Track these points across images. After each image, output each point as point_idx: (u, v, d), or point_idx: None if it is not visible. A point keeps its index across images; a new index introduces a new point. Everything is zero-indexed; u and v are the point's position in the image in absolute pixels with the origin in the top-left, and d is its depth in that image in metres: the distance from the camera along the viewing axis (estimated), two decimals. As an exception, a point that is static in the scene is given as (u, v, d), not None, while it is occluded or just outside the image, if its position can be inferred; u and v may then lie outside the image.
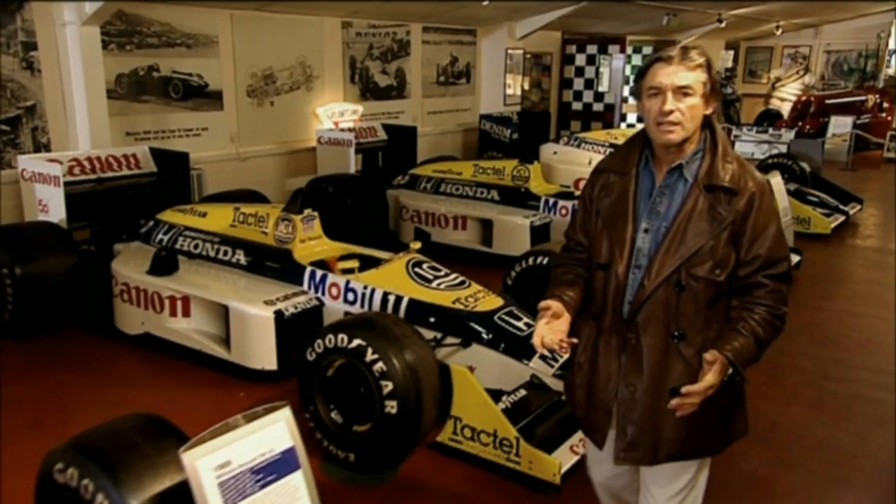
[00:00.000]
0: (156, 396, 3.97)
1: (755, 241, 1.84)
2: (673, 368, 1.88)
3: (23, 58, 5.62)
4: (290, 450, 2.14)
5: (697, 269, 1.84)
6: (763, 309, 1.84)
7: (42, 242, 4.64)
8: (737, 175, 1.86)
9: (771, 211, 1.88)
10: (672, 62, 1.81)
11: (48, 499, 2.22)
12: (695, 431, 1.90)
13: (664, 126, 1.82)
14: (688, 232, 1.84)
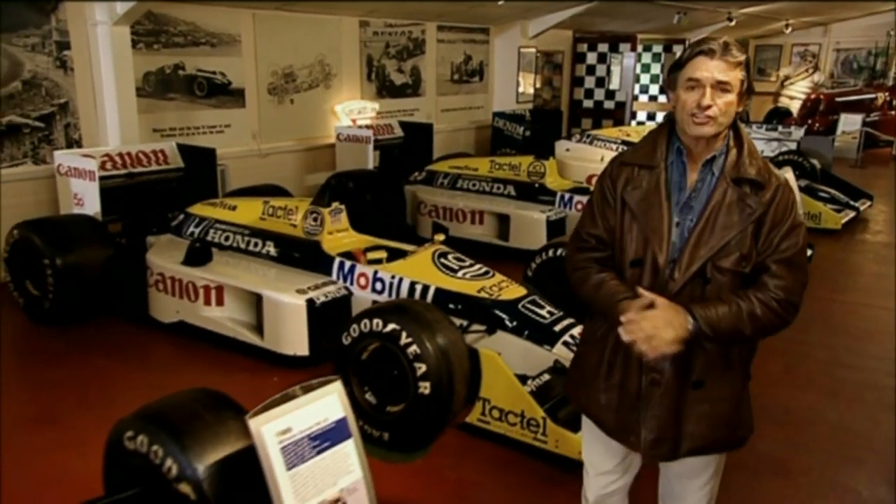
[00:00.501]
0: (193, 380, 4.07)
1: (771, 231, 1.85)
2: (695, 362, 1.89)
3: (56, 57, 5.81)
4: (343, 420, 2.30)
5: (724, 261, 1.85)
6: (763, 292, 1.84)
7: (80, 234, 4.81)
8: (763, 169, 1.88)
9: (790, 204, 1.89)
10: (714, 56, 1.80)
11: (118, 464, 2.40)
12: (714, 426, 1.93)
13: (699, 119, 1.82)
14: (717, 225, 1.85)
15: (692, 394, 1.90)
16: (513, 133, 10.31)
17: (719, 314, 1.81)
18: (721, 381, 1.92)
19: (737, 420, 1.97)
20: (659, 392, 1.92)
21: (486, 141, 10.76)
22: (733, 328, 1.81)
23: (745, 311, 1.81)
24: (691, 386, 1.90)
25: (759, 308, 1.82)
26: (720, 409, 1.92)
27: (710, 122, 1.82)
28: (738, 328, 1.82)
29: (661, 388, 1.91)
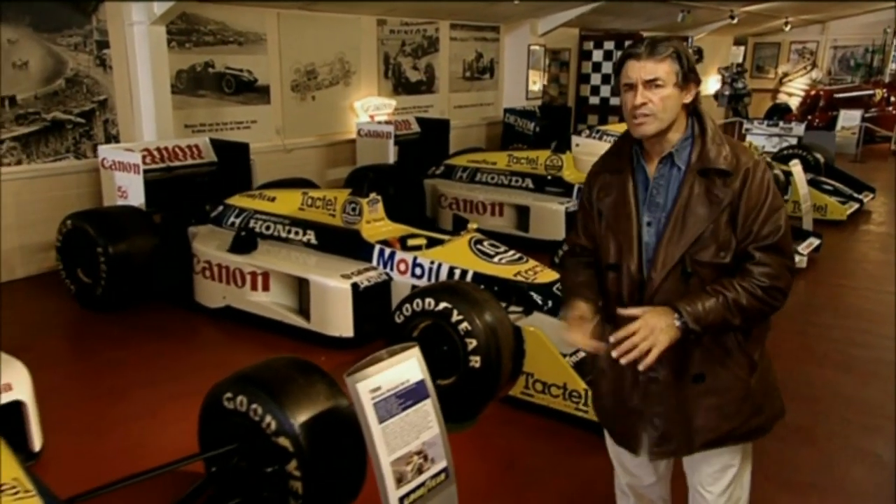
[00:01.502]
0: (244, 359, 4.29)
1: (748, 216, 1.83)
2: (691, 355, 1.90)
3: (97, 55, 6.03)
4: (422, 381, 2.55)
5: (701, 254, 1.85)
6: (747, 280, 1.82)
7: (129, 224, 5.04)
8: (729, 156, 1.86)
9: (764, 186, 1.85)
10: (641, 57, 1.83)
11: (215, 423, 2.64)
12: (725, 417, 1.93)
13: (637, 119, 1.85)
14: (687, 219, 1.85)
15: (695, 388, 1.91)
16: (524, 129, 10.56)
17: (706, 308, 1.80)
18: (722, 372, 1.91)
19: (748, 409, 1.94)
20: (658, 390, 1.94)
21: (496, 137, 11.00)
22: (721, 320, 1.81)
23: (731, 302, 1.80)
24: (692, 380, 1.91)
25: (745, 297, 1.81)
26: (727, 399, 1.92)
27: (647, 119, 1.84)
28: (725, 319, 1.81)
29: (659, 386, 1.94)
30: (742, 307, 1.81)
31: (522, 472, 3.30)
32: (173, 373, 4.15)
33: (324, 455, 2.52)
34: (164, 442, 3.34)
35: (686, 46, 1.91)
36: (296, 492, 2.49)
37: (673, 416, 1.94)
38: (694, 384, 1.91)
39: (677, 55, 1.84)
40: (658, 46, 1.84)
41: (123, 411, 3.71)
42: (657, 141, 1.91)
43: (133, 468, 2.64)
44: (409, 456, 2.46)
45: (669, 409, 1.94)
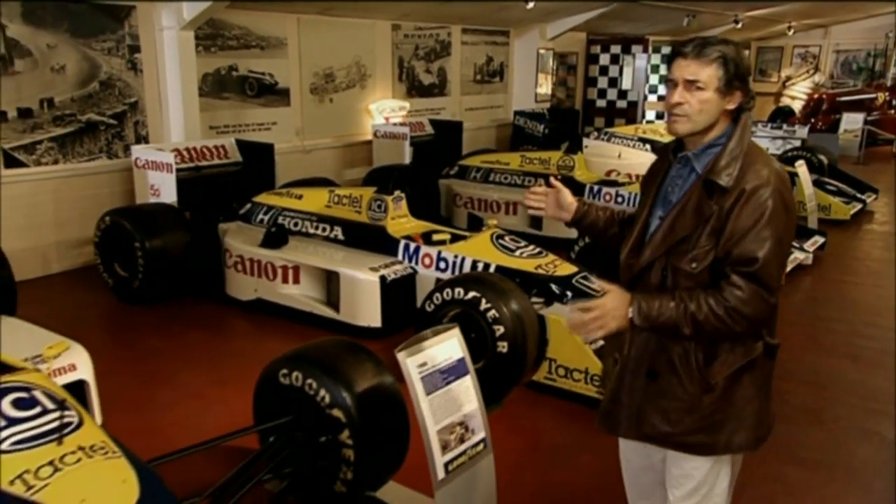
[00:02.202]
0: (277, 348, 4.54)
1: (732, 237, 1.81)
2: (655, 353, 1.94)
3: (128, 59, 6.27)
4: (462, 359, 2.77)
5: (679, 259, 1.88)
6: (713, 296, 1.81)
7: (164, 221, 5.27)
8: (734, 173, 1.83)
9: (758, 212, 1.79)
10: (687, 56, 1.84)
11: (271, 397, 2.86)
12: (667, 420, 1.94)
13: (672, 117, 1.88)
14: (677, 223, 1.88)
15: (650, 384, 1.96)
16: (533, 131, 10.79)
17: (659, 309, 1.83)
18: (674, 379, 1.92)
19: (692, 422, 1.92)
20: (616, 371, 2.05)
21: (506, 138, 11.24)
22: (672, 324, 1.82)
23: (687, 311, 1.81)
24: (646, 374, 1.96)
25: (704, 310, 1.80)
26: (674, 406, 1.93)
27: (682, 119, 1.86)
28: (676, 325, 1.82)
29: (618, 367, 2.04)
30: (697, 320, 1.80)
31: (548, 450, 3.52)
32: (212, 360, 4.38)
33: (372, 426, 2.74)
34: (211, 421, 3.56)
35: (739, 51, 1.86)
36: (348, 459, 2.71)
37: (620, 399, 2.02)
38: (648, 379, 1.96)
39: (724, 60, 1.81)
40: (706, 48, 1.82)
41: (170, 394, 3.93)
42: (690, 141, 1.93)
43: (186, 443, 2.84)
44: (452, 426, 2.68)
45: (622, 393, 2.02)
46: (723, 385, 1.90)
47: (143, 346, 4.58)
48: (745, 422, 1.94)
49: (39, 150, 5.76)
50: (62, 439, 2.30)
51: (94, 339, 4.71)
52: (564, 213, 2.30)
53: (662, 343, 1.92)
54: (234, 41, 7.18)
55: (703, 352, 1.89)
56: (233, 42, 7.17)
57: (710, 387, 1.89)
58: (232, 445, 3.08)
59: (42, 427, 2.34)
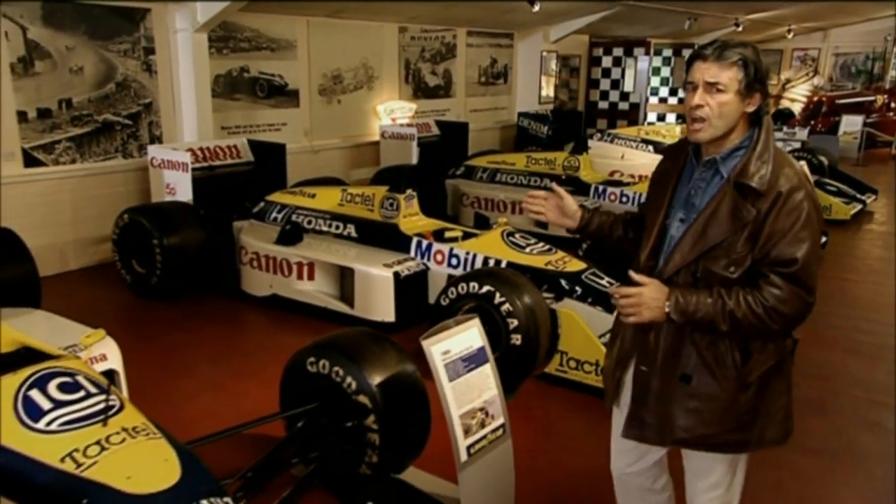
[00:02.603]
0: (293, 341, 4.60)
1: (770, 239, 1.82)
2: (686, 356, 1.94)
3: (143, 61, 6.39)
4: (482, 348, 2.90)
5: (713, 264, 1.87)
6: (752, 294, 1.82)
7: (181, 218, 5.38)
8: (767, 175, 1.83)
9: (794, 213, 1.81)
10: (707, 59, 1.84)
11: (298, 385, 2.98)
12: (703, 422, 1.94)
13: (693, 123, 1.88)
14: (709, 227, 1.87)
15: (681, 387, 1.95)
16: (537, 132, 10.93)
17: (697, 303, 1.84)
18: (710, 380, 1.92)
19: (729, 421, 1.94)
20: (645, 379, 2.01)
21: (510, 139, 11.37)
22: (709, 320, 1.84)
23: (726, 308, 1.82)
24: (679, 378, 1.95)
25: (742, 308, 1.82)
26: (709, 407, 1.93)
27: (702, 125, 1.86)
28: (713, 321, 1.84)
29: (648, 375, 2.01)
30: (735, 318, 1.82)
31: (560, 437, 3.64)
32: (231, 353, 4.50)
33: (396, 412, 2.86)
34: (233, 411, 3.67)
35: (758, 53, 1.87)
36: (373, 443, 2.83)
37: (654, 406, 2.00)
38: (681, 383, 1.95)
39: (744, 63, 1.83)
40: (726, 51, 1.83)
41: (192, 385, 4.05)
42: (711, 145, 1.93)
43: (210, 431, 2.93)
44: (474, 412, 2.81)
45: (652, 400, 2.00)
46: (756, 383, 1.92)
47: (162, 340, 4.70)
48: (776, 417, 1.99)
49: (58, 150, 5.88)
50: (107, 421, 2.42)
51: (114, 332, 4.79)
52: (569, 221, 2.29)
53: (695, 346, 1.92)
54: (245, 43, 7.30)
55: (738, 351, 1.90)
56: (244, 44, 7.30)
57: (747, 385, 1.91)
58: (256, 433, 3.20)
59: (87, 409, 2.46)
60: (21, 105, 5.61)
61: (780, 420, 2.01)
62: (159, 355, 4.45)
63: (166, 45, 6.48)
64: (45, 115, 5.77)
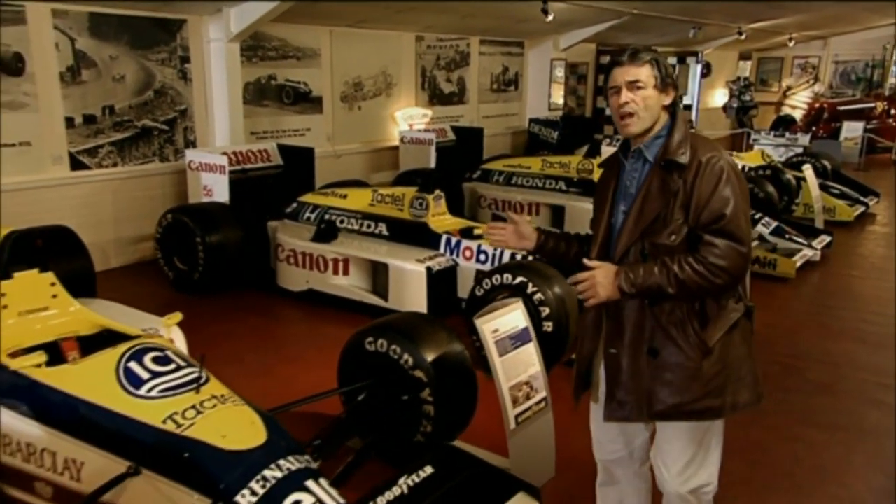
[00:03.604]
0: (332, 332, 4.95)
1: (699, 204, 2.02)
2: (649, 331, 2.09)
3: (179, 69, 6.71)
4: (526, 328, 3.19)
5: (656, 237, 2.05)
6: (692, 256, 2.00)
7: (221, 218, 5.68)
8: (687, 151, 2.05)
9: (715, 176, 2.01)
10: (623, 63, 2.08)
11: (357, 363, 3.26)
12: (675, 392, 2.08)
13: (623, 119, 2.09)
14: (645, 205, 2.06)
15: (651, 362, 2.09)
16: (548, 137, 11.24)
17: (644, 274, 2.02)
18: (674, 350, 2.07)
19: (698, 388, 2.07)
20: (617, 360, 2.15)
21: (521, 145, 11.67)
22: (657, 286, 2.01)
23: (670, 272, 1.99)
24: (647, 353, 2.09)
25: (686, 270, 1.99)
26: (678, 376, 2.07)
27: (632, 119, 2.08)
28: (661, 287, 2.01)
29: (619, 357, 2.15)
30: (679, 279, 1.99)
31: (586, 416, 3.91)
32: (275, 342, 4.79)
33: (448, 386, 3.14)
34: (287, 392, 3.94)
35: (663, 57, 2.15)
36: (428, 414, 3.11)
37: (629, 385, 2.14)
38: (649, 357, 2.09)
39: (656, 62, 2.09)
40: (639, 53, 2.08)
41: (244, 370, 4.33)
42: (638, 139, 2.14)
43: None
44: (520, 385, 3.10)
45: (627, 379, 2.13)
46: (719, 349, 2.07)
47: (209, 331, 4.97)
48: (745, 380, 2.13)
49: (101, 154, 6.19)
50: (199, 389, 2.72)
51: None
52: (527, 242, 2.47)
53: (657, 320, 2.08)
54: (273, 52, 7.62)
55: (697, 318, 2.06)
56: (272, 53, 7.61)
57: (709, 350, 2.05)
58: (311, 411, 3.48)
59: (180, 380, 2.77)
60: (69, 111, 5.93)
61: (749, 383, 2.14)
62: (208, 344, 4.68)
63: (200, 54, 6.79)
64: (90, 121, 6.08)
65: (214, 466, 2.46)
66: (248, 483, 2.42)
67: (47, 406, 2.76)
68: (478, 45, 10.71)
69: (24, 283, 3.22)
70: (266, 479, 2.44)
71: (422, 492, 2.81)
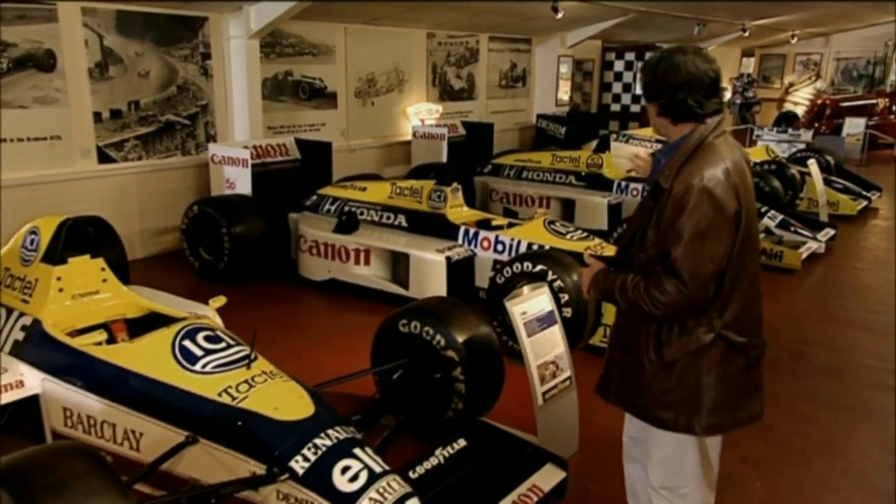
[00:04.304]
0: (355, 319, 5.20)
1: (658, 231, 2.07)
2: (627, 330, 2.26)
3: (201, 65, 6.88)
4: (551, 311, 3.38)
5: (635, 250, 2.17)
6: (644, 281, 2.07)
7: (245, 210, 5.86)
8: (672, 175, 2.04)
9: (678, 209, 1.99)
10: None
11: (390, 344, 3.44)
12: (630, 389, 2.24)
13: None
14: (634, 218, 2.25)
15: (625, 357, 2.25)
16: (555, 133, 11.42)
17: (610, 282, 2.18)
18: (637, 354, 2.18)
19: (649, 396, 2.17)
20: (609, 348, 2.39)
21: (528, 140, 11.85)
22: (611, 294, 2.18)
23: (625, 288, 2.11)
24: (622, 349, 2.27)
25: (635, 291, 2.07)
26: (638, 380, 2.19)
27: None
28: (614, 296, 2.17)
29: (612, 341, 2.37)
30: (628, 298, 2.10)
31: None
32: (302, 328, 4.98)
33: (478, 364, 3.32)
34: (318, 373, 4.12)
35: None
36: (459, 392, 3.30)
37: (612, 371, 2.34)
38: (623, 352, 2.26)
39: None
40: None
41: (276, 353, 4.38)
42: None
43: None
44: (547, 364, 3.29)
45: (611, 368, 2.35)
46: (679, 369, 2.12)
47: (237, 317, 5.09)
48: (702, 409, 2.12)
49: (126, 147, 6.37)
50: (250, 365, 2.91)
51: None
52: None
53: (634, 322, 2.19)
54: (290, 49, 7.79)
55: (662, 333, 2.12)
56: (289, 49, 7.78)
57: (665, 365, 2.12)
58: (343, 391, 3.66)
59: (231, 357, 2.97)
60: (96, 106, 6.10)
61: (707, 412, 2.12)
62: (238, 329, 4.88)
63: (221, 50, 6.96)
64: (117, 116, 6.25)
65: (268, 435, 2.65)
66: (301, 450, 2.61)
67: (107, 381, 2.94)
68: (487, 41, 10.88)
69: (78, 268, 3.40)
70: (317, 446, 2.63)
71: (456, 462, 3.01)
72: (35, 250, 3.42)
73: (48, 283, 3.30)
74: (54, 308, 3.27)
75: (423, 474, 2.89)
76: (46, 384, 3.09)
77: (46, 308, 3.25)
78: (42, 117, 5.72)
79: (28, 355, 3.16)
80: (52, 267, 3.32)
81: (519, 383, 3.37)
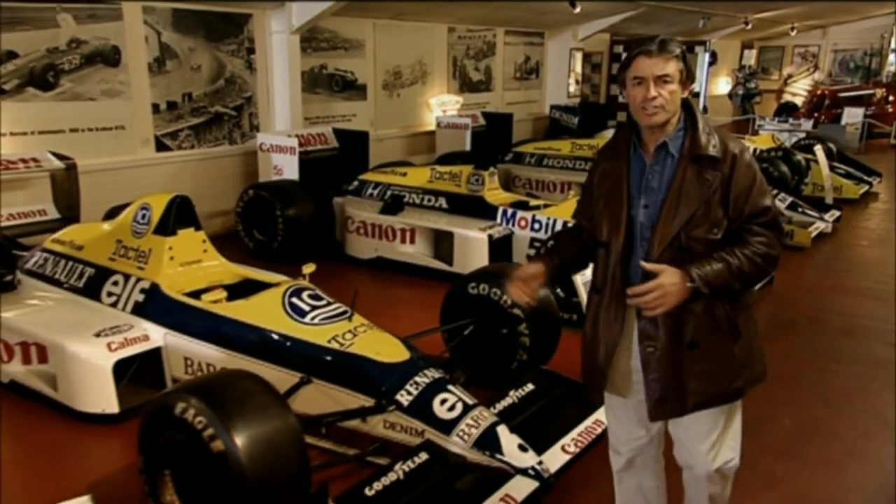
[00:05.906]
0: (402, 292, 5.65)
1: (739, 198, 2.02)
2: (687, 324, 2.05)
3: (246, 59, 7.30)
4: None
5: (695, 231, 2.01)
6: (748, 248, 2.02)
7: (295, 194, 6.30)
8: (717, 144, 2.04)
9: (750, 169, 2.04)
10: (652, 55, 1.99)
11: (458, 304, 3.89)
12: (714, 380, 2.09)
13: (649, 110, 2.00)
14: (681, 201, 2.01)
15: (689, 354, 2.07)
16: (568, 123, 11.87)
17: (714, 271, 1.99)
18: (713, 341, 2.07)
19: (733, 373, 2.11)
20: (656, 357, 2.08)
21: (541, 130, 12.29)
22: (724, 283, 2.00)
23: (734, 267, 2.00)
24: (687, 347, 2.06)
25: (746, 263, 2.01)
26: (716, 365, 2.09)
27: (658, 110, 2.00)
28: (728, 282, 2.00)
29: (657, 353, 2.08)
30: (743, 272, 2.01)
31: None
32: (358, 300, 5.40)
33: (540, 320, 3.77)
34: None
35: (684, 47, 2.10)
36: (524, 344, 3.75)
37: (668, 381, 2.09)
38: (688, 351, 2.07)
39: (683, 55, 2.04)
40: (668, 45, 2.01)
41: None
42: (658, 131, 2.07)
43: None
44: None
45: (665, 375, 2.08)
46: (745, 332, 2.13)
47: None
48: (757, 354, 2.19)
49: (181, 137, 6.80)
50: (351, 318, 3.36)
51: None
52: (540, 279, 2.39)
53: (692, 313, 2.04)
54: (324, 43, 8.21)
55: (729, 305, 2.08)
56: (324, 44, 8.21)
57: (738, 335, 2.11)
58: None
59: (333, 312, 3.44)
60: (154, 98, 6.53)
61: (760, 357, 2.21)
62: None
63: (264, 45, 7.38)
64: (172, 107, 6.68)
65: (375, 374, 3.12)
66: (405, 386, 3.08)
67: (227, 333, 3.40)
68: (503, 35, 11.31)
69: (185, 239, 3.86)
70: (417, 383, 3.10)
71: (527, 403, 3.47)
72: (147, 224, 3.86)
73: (162, 252, 3.76)
74: (169, 273, 3.72)
75: (500, 411, 3.34)
76: (168, 338, 3.55)
77: (162, 273, 3.70)
78: (108, 109, 6.15)
79: (149, 314, 3.61)
80: (164, 238, 3.78)
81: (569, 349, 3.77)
